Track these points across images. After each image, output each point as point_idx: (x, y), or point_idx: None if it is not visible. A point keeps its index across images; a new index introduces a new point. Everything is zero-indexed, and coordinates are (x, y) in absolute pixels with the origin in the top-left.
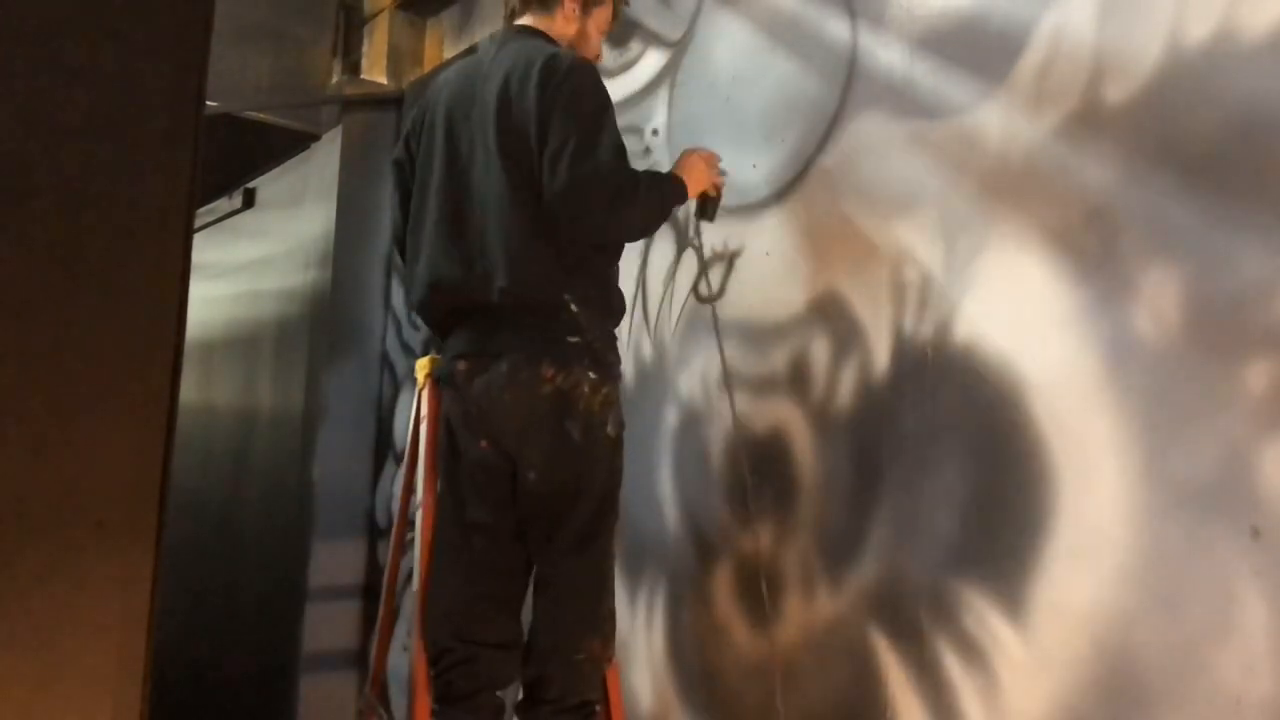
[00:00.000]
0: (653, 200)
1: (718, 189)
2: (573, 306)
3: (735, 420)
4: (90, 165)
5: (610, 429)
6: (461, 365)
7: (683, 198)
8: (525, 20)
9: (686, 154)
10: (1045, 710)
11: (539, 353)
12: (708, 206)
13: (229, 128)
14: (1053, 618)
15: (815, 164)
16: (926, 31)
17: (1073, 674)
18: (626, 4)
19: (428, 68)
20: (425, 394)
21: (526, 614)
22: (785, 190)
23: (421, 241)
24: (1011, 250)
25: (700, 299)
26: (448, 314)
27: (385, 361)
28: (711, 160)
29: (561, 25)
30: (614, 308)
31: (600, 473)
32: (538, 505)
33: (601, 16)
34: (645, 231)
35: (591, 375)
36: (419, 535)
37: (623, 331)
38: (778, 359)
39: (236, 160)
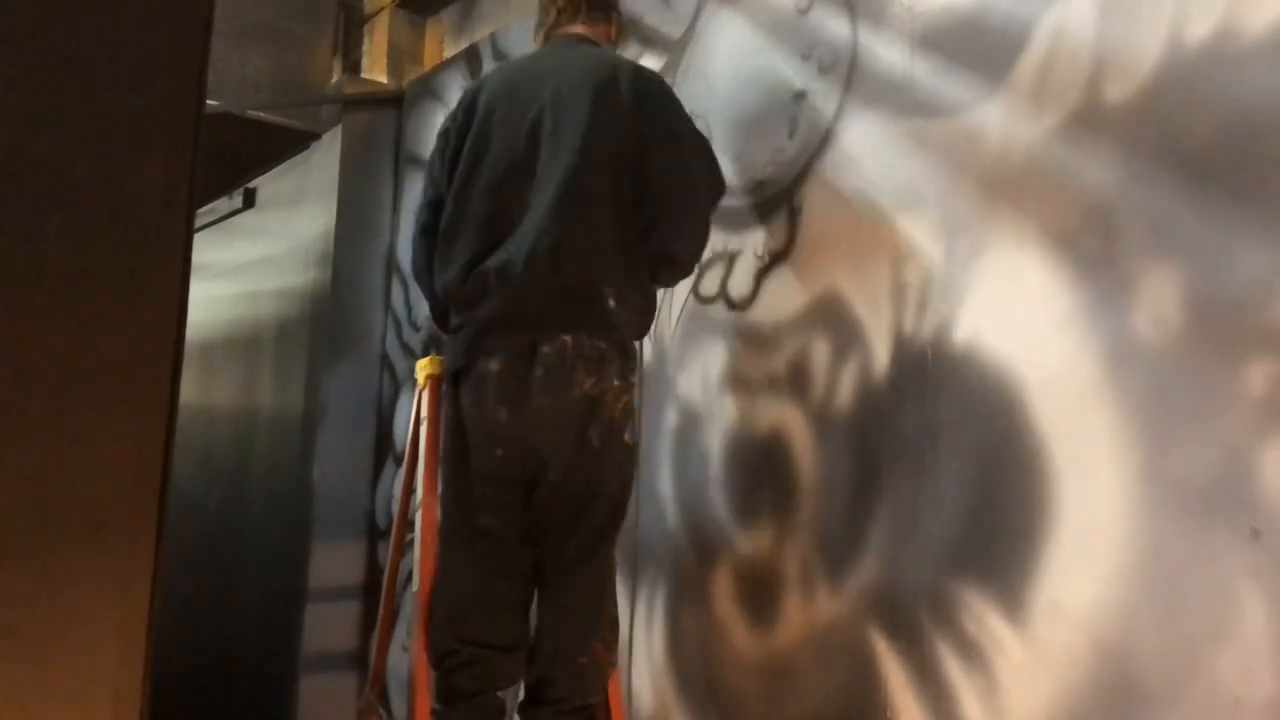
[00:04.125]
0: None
1: None
2: (610, 301)
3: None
4: (90, 165)
5: (627, 436)
6: (494, 365)
7: None
8: (577, 29)
9: None
10: (1045, 710)
11: (573, 355)
12: None
13: (229, 128)
14: (1052, 618)
15: (815, 164)
16: (927, 31)
17: (1073, 674)
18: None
19: (428, 66)
20: (426, 395)
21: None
22: (785, 190)
23: (462, 227)
24: (1011, 250)
25: (700, 299)
26: (479, 298)
27: (385, 361)
28: None
29: (609, 31)
30: (648, 313)
31: (613, 480)
32: (553, 509)
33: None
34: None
35: (616, 382)
36: (419, 536)
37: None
38: (778, 359)
39: (236, 160)
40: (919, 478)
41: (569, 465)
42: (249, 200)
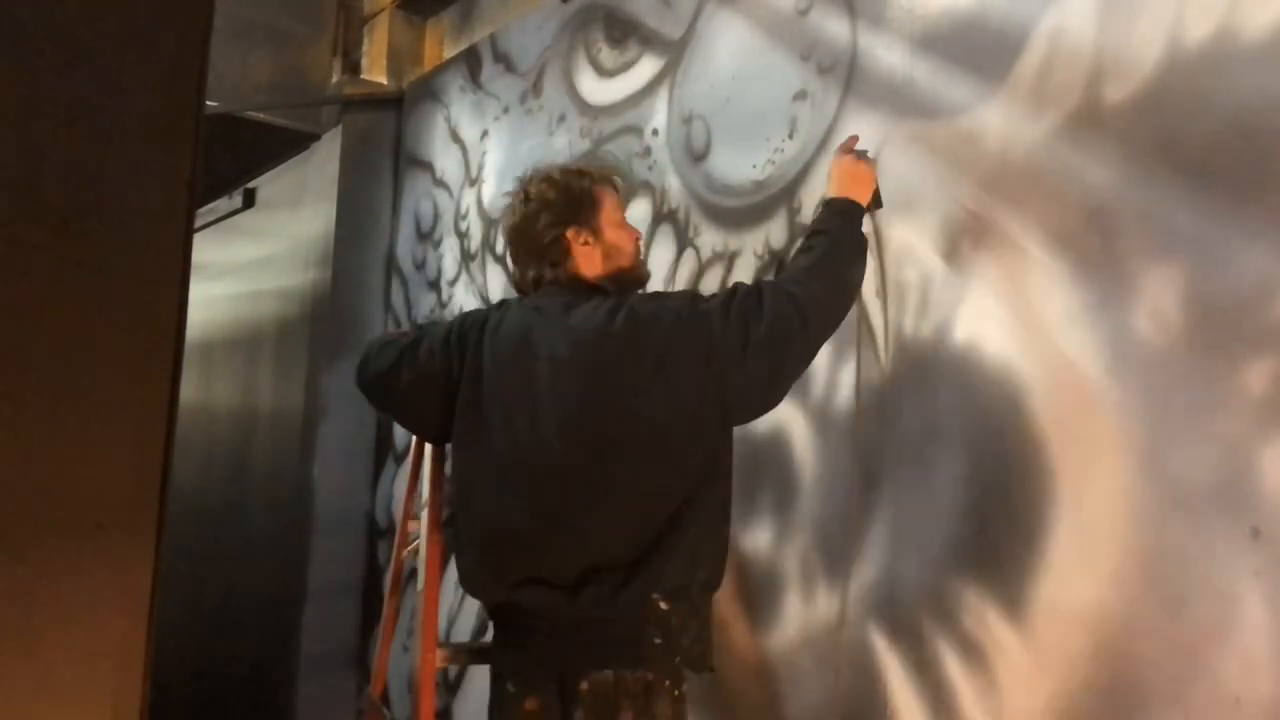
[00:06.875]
0: (839, 263)
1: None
2: (661, 605)
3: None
4: (90, 165)
5: None
6: (529, 705)
7: (862, 214)
8: (553, 277)
9: (835, 164)
10: (1045, 710)
11: (615, 691)
12: (875, 196)
13: (229, 128)
14: (1053, 618)
15: (815, 164)
16: (926, 31)
17: (1073, 674)
18: (620, 180)
19: (428, 67)
20: None
21: None
22: (785, 190)
23: (472, 496)
24: (1011, 250)
25: None
26: (507, 615)
27: None
28: (853, 147)
29: (585, 265)
30: (714, 586)
31: None
32: None
33: (608, 213)
34: (854, 291)
35: (670, 676)
36: (423, 535)
37: None
38: None
39: (236, 160)
40: (919, 477)
41: None
42: (249, 200)
